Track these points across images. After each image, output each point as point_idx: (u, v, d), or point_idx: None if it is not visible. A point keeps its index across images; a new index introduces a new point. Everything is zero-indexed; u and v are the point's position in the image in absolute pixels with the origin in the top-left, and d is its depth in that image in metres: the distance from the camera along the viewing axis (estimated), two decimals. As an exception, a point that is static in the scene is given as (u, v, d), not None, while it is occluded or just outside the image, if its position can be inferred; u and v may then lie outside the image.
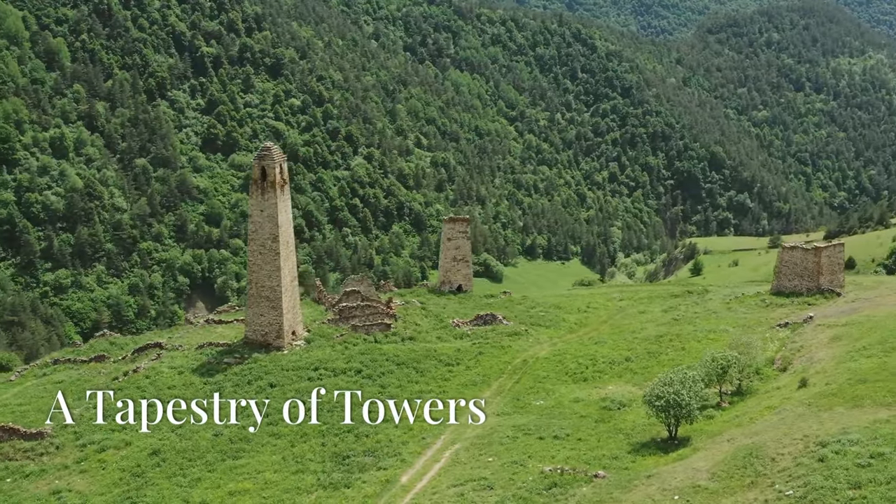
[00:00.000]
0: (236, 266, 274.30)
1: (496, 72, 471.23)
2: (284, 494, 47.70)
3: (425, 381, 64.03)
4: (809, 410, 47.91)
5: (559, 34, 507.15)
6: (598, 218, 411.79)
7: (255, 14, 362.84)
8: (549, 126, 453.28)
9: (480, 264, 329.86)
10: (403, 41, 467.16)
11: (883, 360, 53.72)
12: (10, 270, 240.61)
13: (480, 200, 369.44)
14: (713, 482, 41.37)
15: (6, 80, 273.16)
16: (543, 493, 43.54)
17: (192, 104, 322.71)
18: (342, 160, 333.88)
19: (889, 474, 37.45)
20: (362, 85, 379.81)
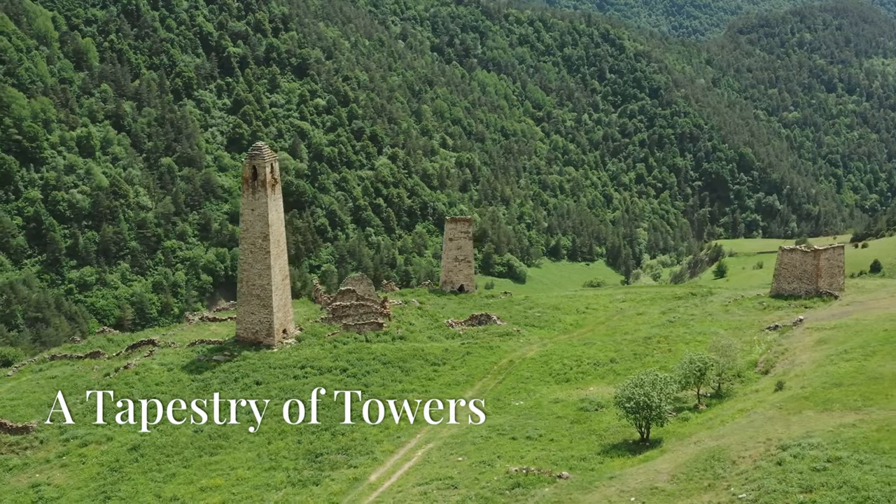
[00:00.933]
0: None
1: (523, 72, 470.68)
2: (254, 491, 48.16)
3: (409, 380, 64.28)
4: (779, 413, 47.60)
5: (587, 34, 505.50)
6: (624, 219, 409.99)
7: (281, 14, 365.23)
8: (576, 127, 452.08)
9: (504, 265, 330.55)
10: (431, 41, 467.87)
11: (861, 364, 53.25)
12: (36, 267, 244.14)
13: (505, 201, 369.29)
14: (671, 484, 41.26)
15: (35, 80, 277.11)
16: (506, 493, 43.63)
17: (219, 104, 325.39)
18: (366, 160, 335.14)
19: (842, 479, 37.17)
20: (388, 85, 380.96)
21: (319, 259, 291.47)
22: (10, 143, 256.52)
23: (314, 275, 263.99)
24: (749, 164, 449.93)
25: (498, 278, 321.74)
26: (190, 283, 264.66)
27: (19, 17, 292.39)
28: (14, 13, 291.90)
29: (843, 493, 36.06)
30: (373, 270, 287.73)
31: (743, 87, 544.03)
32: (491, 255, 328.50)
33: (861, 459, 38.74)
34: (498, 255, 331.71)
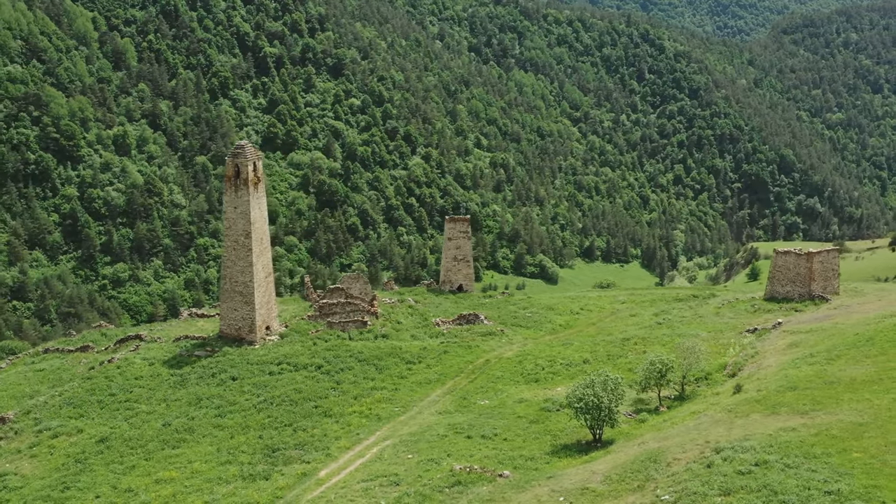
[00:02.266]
0: (290, 263, 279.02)
1: (561, 72, 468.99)
2: (205, 484, 48.99)
3: (382, 378, 64.81)
4: (727, 416, 47.37)
5: (627, 34, 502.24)
6: (660, 221, 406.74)
7: (318, 15, 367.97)
8: (613, 127, 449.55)
9: (536, 266, 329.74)
10: (468, 41, 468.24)
11: (822, 369, 52.74)
12: (71, 263, 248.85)
13: (539, 201, 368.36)
14: (603, 485, 41.33)
15: (73, 79, 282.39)
16: (445, 491, 43.97)
17: (254, 103, 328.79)
18: (400, 160, 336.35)
19: (763, 482, 36.98)
20: (423, 85, 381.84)
21: (350, 258, 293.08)
22: (49, 141, 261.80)
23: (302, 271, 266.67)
24: (790, 165, 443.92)
25: (530, 279, 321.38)
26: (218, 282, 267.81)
27: (60, 17, 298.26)
28: (55, 14, 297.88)
29: (760, 497, 35.88)
30: (403, 270, 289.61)
31: (785, 88, 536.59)
32: (523, 256, 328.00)
33: (788, 463, 38.51)
34: (530, 256, 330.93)
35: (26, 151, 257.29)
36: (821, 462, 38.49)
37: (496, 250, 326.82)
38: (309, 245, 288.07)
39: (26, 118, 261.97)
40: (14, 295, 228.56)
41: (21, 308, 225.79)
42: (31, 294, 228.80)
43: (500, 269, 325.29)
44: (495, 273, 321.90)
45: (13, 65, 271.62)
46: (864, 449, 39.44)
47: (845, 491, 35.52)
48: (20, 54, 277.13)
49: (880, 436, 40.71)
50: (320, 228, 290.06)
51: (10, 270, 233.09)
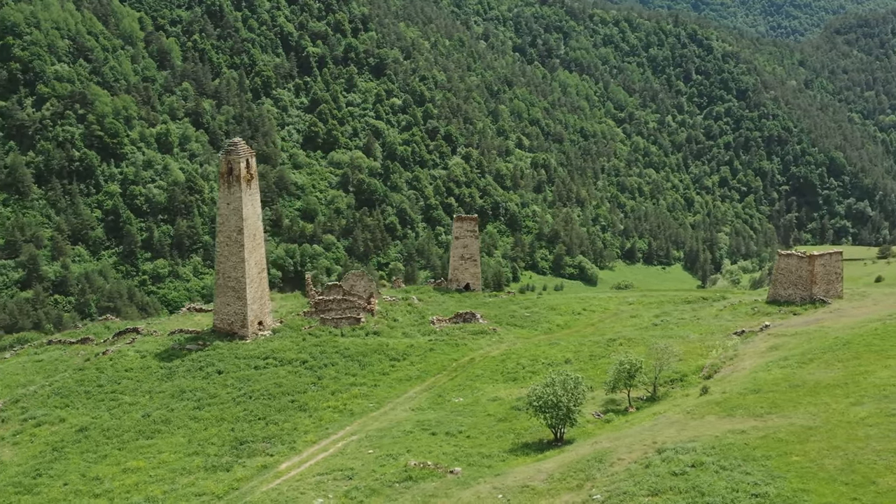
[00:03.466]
0: (328, 261, 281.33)
1: (606, 73, 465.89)
2: (169, 474, 50.00)
3: (364, 374, 65.35)
4: (683, 418, 47.11)
5: (674, 35, 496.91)
6: (704, 223, 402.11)
7: (361, 15, 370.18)
8: (658, 128, 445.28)
9: (575, 267, 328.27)
10: (513, 41, 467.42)
11: (792, 372, 52.13)
12: (112, 259, 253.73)
13: (580, 202, 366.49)
14: (544, 483, 41.40)
15: (119, 78, 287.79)
16: (394, 486, 44.39)
17: (296, 102, 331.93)
18: (440, 159, 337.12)
19: (693, 483, 36.82)
20: (466, 85, 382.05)
21: (388, 257, 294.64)
22: (93, 138, 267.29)
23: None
24: (840, 168, 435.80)
25: (568, 280, 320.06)
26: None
27: (107, 17, 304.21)
28: (102, 14, 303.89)
29: (687, 498, 35.78)
30: (440, 269, 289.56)
31: (837, 90, 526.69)
32: (562, 257, 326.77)
33: (724, 465, 38.29)
34: (570, 257, 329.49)
35: (71, 149, 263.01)
36: (758, 465, 38.17)
37: (535, 251, 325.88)
38: (347, 244, 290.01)
39: (72, 116, 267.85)
40: (56, 289, 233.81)
41: (62, 302, 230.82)
42: (73, 288, 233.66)
43: (539, 269, 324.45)
44: (534, 274, 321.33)
45: (60, 64, 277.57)
46: (805, 452, 39.01)
47: (772, 494, 35.23)
48: (67, 53, 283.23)
49: (825, 440, 40.22)
50: (358, 227, 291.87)
51: (53, 265, 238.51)
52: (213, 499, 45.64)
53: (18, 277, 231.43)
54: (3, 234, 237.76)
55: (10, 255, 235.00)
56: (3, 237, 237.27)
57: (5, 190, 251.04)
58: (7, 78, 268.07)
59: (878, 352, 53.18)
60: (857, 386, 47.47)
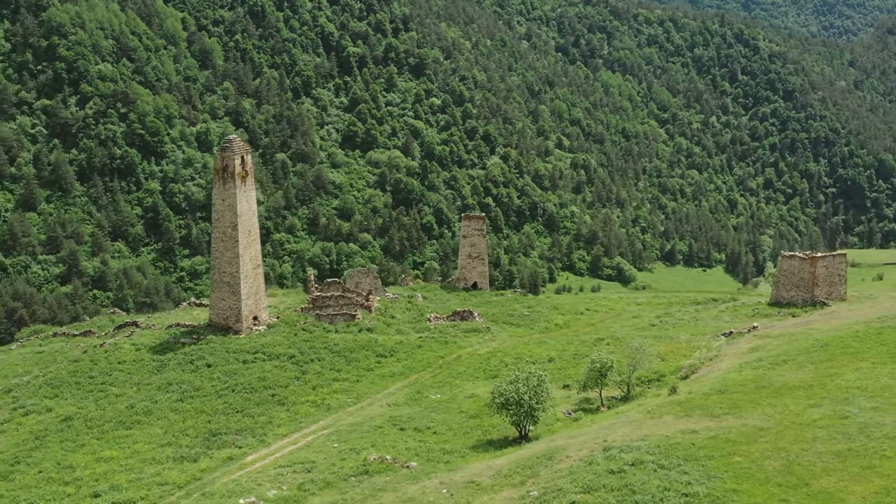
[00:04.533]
0: (363, 260, 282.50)
1: (650, 73, 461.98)
2: (139, 463, 50.95)
3: (348, 370, 65.89)
4: (642, 417, 46.91)
5: (720, 35, 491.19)
6: (748, 225, 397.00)
7: (402, 15, 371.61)
8: (702, 129, 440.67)
9: (613, 268, 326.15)
10: (556, 41, 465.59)
11: (763, 373, 51.60)
12: (151, 255, 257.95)
13: (620, 203, 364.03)
14: (490, 479, 41.55)
15: (160, 78, 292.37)
16: (349, 479, 44.89)
17: (336, 102, 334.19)
18: (478, 159, 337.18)
19: (627, 482, 36.75)
20: (506, 85, 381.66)
21: (424, 256, 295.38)
22: (134, 137, 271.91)
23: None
24: (889, 170, 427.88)
25: (606, 281, 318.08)
26: (295, 275, 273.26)
27: (151, 18, 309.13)
28: (146, 14, 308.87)
29: (617, 496, 35.72)
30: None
31: (888, 90, 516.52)
32: (600, 258, 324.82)
33: (663, 464, 38.14)
34: (607, 258, 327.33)
35: (113, 147, 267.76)
36: (698, 465, 37.93)
37: (572, 252, 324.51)
38: (383, 242, 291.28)
39: (114, 115, 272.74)
40: (95, 284, 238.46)
41: (101, 297, 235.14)
42: (111, 284, 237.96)
43: (576, 270, 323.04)
44: (571, 274, 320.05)
45: (104, 63, 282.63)
46: (748, 453, 38.66)
47: (702, 494, 35.02)
48: (111, 53, 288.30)
49: (773, 441, 39.81)
50: (394, 226, 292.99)
51: (93, 261, 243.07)
52: (175, 488, 46.45)
53: (59, 272, 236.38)
54: (45, 230, 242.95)
55: (51, 250, 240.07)
56: (45, 233, 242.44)
57: (49, 187, 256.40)
58: (52, 77, 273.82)
59: (853, 354, 52.43)
60: (822, 388, 46.86)
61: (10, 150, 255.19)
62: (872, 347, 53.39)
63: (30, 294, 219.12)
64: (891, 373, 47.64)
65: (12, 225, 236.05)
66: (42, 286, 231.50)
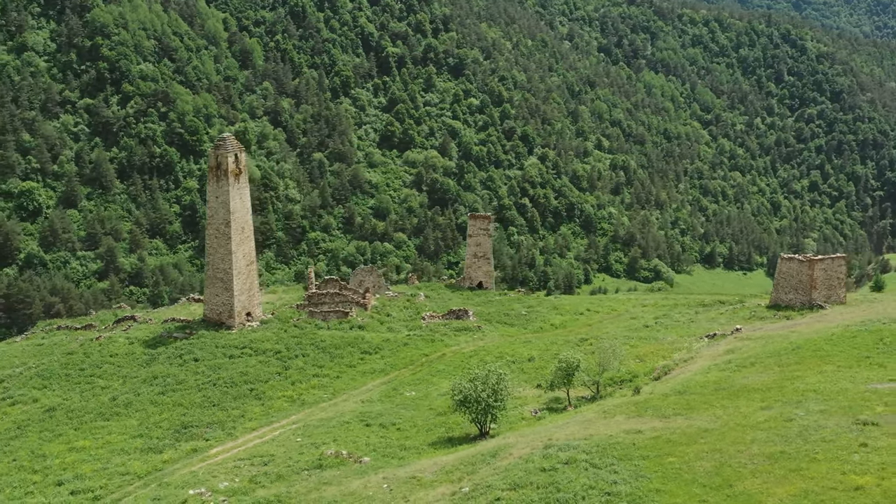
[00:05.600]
0: (397, 259, 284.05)
1: (693, 74, 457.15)
2: (108, 454, 52.10)
3: (331, 366, 66.53)
4: (596, 417, 46.83)
5: (766, 35, 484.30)
6: (791, 228, 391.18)
7: (442, 15, 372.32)
8: (746, 130, 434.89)
9: (650, 270, 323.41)
10: (598, 42, 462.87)
11: (728, 375, 51.21)
12: (188, 253, 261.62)
13: (659, 205, 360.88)
14: (432, 475, 41.85)
15: (201, 77, 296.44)
16: (301, 473, 45.48)
17: (374, 102, 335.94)
18: (515, 160, 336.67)
19: (553, 479, 36.80)
20: (546, 86, 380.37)
21: (458, 256, 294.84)
22: (174, 136, 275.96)
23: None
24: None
25: (643, 283, 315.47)
26: (330, 273, 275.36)
27: (193, 18, 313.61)
28: (188, 15, 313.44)
29: (541, 493, 35.76)
30: (510, 269, 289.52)
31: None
32: (637, 260, 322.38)
33: (595, 463, 38.11)
34: (645, 260, 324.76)
35: (152, 145, 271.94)
36: (630, 464, 37.82)
37: (609, 253, 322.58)
38: (417, 242, 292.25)
39: (154, 114, 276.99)
40: (131, 280, 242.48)
41: (137, 293, 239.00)
42: (147, 280, 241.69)
43: (613, 272, 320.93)
44: (607, 276, 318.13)
45: (145, 63, 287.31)
46: (683, 454, 38.43)
47: (624, 493, 34.91)
48: (152, 53, 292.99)
49: (712, 442, 39.52)
50: (429, 226, 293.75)
51: (130, 257, 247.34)
52: (135, 479, 47.41)
53: (96, 268, 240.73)
54: (84, 227, 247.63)
55: (90, 246, 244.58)
56: (84, 229, 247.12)
57: (90, 184, 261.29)
58: (95, 77, 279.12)
59: (822, 357, 51.79)
60: (780, 390, 46.40)
61: (53, 148, 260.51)
62: (843, 350, 52.69)
63: (67, 289, 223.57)
64: (852, 376, 47.03)
65: (53, 221, 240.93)
66: (80, 282, 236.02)
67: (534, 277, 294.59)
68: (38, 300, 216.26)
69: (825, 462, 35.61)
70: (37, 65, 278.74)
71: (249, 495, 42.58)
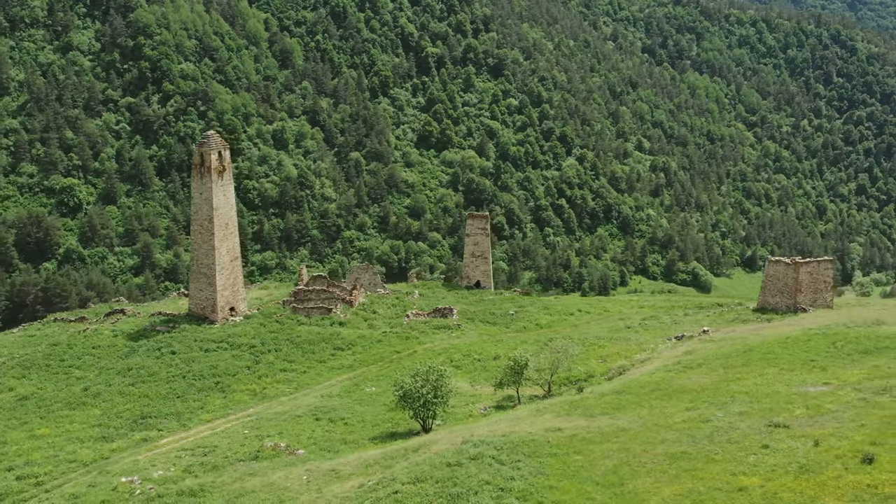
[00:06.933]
0: (431, 259, 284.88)
1: (739, 75, 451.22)
2: (63, 442, 53.57)
3: (302, 360, 67.49)
4: (528, 415, 47.22)
5: (815, 35, 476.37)
6: (836, 232, 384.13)
7: (483, 16, 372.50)
8: (792, 133, 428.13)
9: (688, 273, 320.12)
10: (642, 42, 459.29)
11: (671, 376, 51.15)
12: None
13: (699, 207, 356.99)
14: (352, 469, 42.57)
15: (240, 77, 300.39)
16: (236, 463, 46.43)
17: (413, 102, 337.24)
18: (553, 160, 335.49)
19: (454, 474, 37.34)
20: (587, 86, 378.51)
21: (492, 256, 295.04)
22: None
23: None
24: None
25: (680, 286, 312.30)
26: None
27: (234, 18, 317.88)
28: (230, 15, 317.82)
29: (436, 486, 36.47)
30: (545, 270, 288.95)
31: None
32: (675, 263, 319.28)
33: (501, 459, 38.61)
34: (683, 263, 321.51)
35: (191, 144, 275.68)
36: (535, 461, 38.17)
37: (646, 255, 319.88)
38: (452, 242, 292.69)
39: (193, 112, 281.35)
40: (167, 276, 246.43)
41: (172, 288, 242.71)
42: (182, 276, 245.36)
43: (650, 274, 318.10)
44: (643, 278, 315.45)
45: (186, 62, 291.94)
46: (590, 453, 38.68)
47: (516, 488, 35.31)
48: (193, 53, 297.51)
49: (623, 442, 39.70)
50: (464, 226, 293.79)
51: (166, 254, 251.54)
52: (80, 466, 48.72)
53: (133, 264, 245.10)
54: (122, 223, 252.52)
55: (127, 242, 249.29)
56: (122, 225, 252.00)
57: (129, 181, 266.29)
58: (137, 76, 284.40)
59: (770, 360, 51.41)
60: (714, 392, 46.25)
61: (95, 146, 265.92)
62: (793, 354, 52.25)
63: (103, 284, 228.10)
64: (789, 379, 46.67)
65: (92, 217, 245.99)
66: (116, 277, 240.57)
67: (568, 279, 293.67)
68: (75, 294, 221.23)
69: (721, 463, 35.58)
70: (81, 64, 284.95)
71: (178, 484, 43.56)
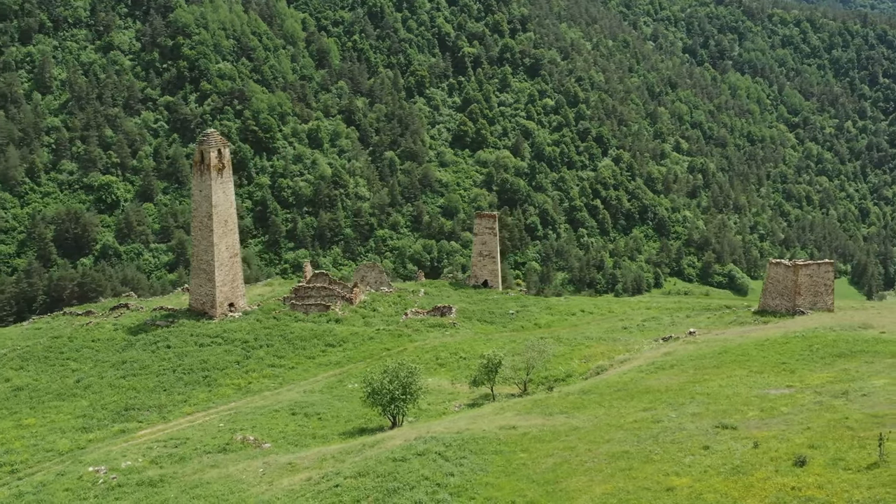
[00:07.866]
0: (463, 258, 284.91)
1: (782, 75, 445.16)
2: (47, 432, 54.93)
3: (292, 356, 68.32)
4: (489, 412, 47.64)
5: (861, 35, 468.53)
6: (879, 236, 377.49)
7: (520, 16, 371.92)
8: (836, 134, 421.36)
9: (724, 275, 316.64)
10: (683, 42, 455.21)
11: (640, 377, 51.12)
12: (258, 247, 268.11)
13: (738, 209, 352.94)
14: (309, 463, 43.18)
15: (277, 76, 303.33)
16: (203, 456, 47.33)
17: (448, 102, 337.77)
18: (589, 161, 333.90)
19: (395, 469, 37.97)
20: (624, 87, 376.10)
21: (525, 256, 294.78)
22: (248, 133, 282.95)
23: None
24: None
25: (716, 288, 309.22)
26: (396, 270, 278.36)
27: (272, 18, 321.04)
28: (268, 15, 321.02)
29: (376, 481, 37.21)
30: (578, 271, 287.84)
31: None
32: (711, 265, 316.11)
33: (447, 456, 39.32)
34: (719, 265, 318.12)
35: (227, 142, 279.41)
36: (480, 458, 38.52)
37: (682, 257, 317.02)
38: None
39: (230, 111, 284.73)
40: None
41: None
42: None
43: (685, 276, 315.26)
44: (678, 280, 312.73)
45: (223, 62, 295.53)
46: (536, 451, 38.90)
47: (453, 484, 35.75)
48: (231, 52, 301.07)
49: (571, 441, 39.90)
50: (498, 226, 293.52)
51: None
52: (56, 455, 49.93)
53: (167, 260, 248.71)
54: (158, 220, 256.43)
55: (163, 239, 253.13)
56: (158, 222, 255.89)
57: (166, 179, 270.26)
58: (176, 75, 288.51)
59: (741, 362, 51.09)
60: (677, 393, 46.13)
61: (134, 144, 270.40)
62: (766, 356, 51.87)
63: (137, 280, 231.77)
64: (754, 381, 46.39)
65: (129, 214, 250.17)
66: (151, 273, 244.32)
67: (602, 280, 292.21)
68: (110, 290, 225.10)
69: (658, 463, 35.56)
70: (122, 63, 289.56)
71: (140, 474, 44.52)
